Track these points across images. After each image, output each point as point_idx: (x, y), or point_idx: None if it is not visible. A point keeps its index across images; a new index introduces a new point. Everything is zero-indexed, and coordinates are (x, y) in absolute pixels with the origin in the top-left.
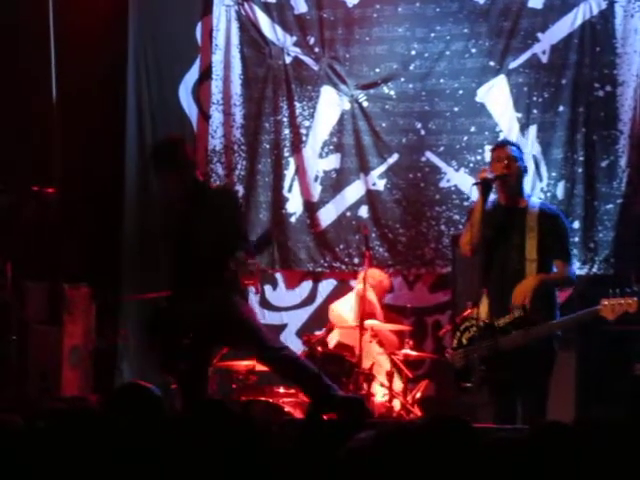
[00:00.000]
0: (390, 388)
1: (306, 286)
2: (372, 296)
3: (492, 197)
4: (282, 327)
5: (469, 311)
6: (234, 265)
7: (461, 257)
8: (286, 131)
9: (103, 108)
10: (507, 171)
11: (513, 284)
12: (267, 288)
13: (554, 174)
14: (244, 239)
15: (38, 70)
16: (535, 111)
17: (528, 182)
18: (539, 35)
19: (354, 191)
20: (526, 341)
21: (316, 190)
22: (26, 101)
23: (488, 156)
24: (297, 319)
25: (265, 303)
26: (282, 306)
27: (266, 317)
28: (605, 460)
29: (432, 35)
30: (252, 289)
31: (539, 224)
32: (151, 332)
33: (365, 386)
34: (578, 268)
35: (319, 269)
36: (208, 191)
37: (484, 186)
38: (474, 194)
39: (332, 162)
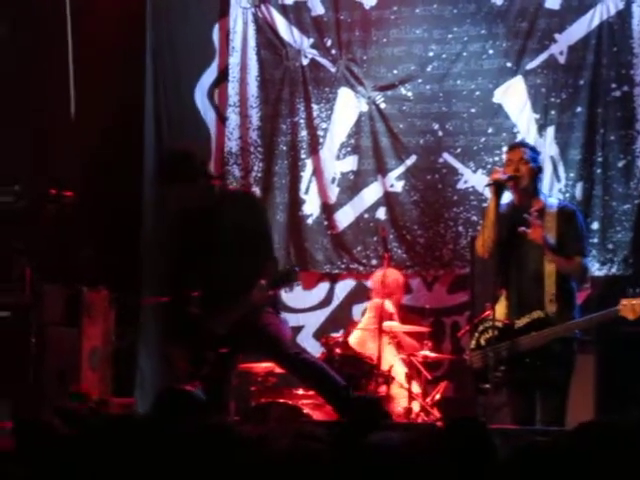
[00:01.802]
0: (409, 390)
1: (323, 288)
2: (389, 306)
3: (509, 198)
4: (299, 329)
5: (488, 312)
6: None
7: (479, 258)
8: (303, 133)
9: (121, 111)
10: (517, 173)
11: (531, 284)
12: (283, 290)
13: (572, 175)
14: (273, 257)
15: (57, 73)
16: (553, 112)
17: (545, 183)
18: (556, 36)
19: (372, 193)
20: (545, 342)
21: (333, 192)
22: (44, 104)
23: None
24: (314, 321)
25: (282, 305)
26: (299, 308)
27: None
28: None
29: (449, 36)
30: None
31: (557, 223)
32: (177, 337)
33: (384, 388)
34: (597, 269)
35: (336, 271)
36: (227, 196)
37: (497, 187)
38: (489, 195)
39: (349, 164)
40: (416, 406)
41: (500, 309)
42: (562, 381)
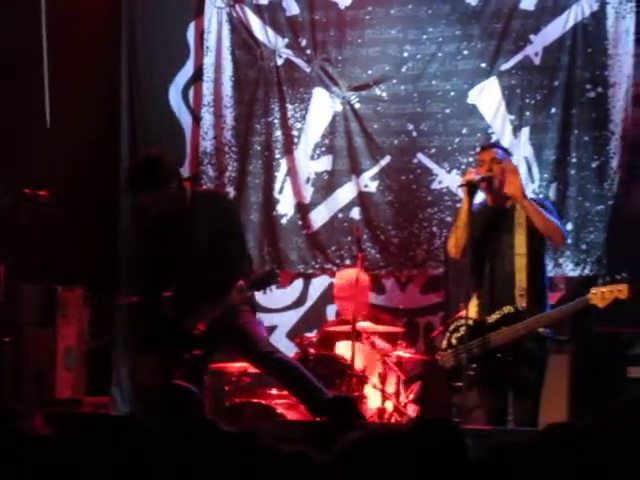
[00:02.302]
0: (383, 390)
1: (297, 287)
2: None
3: (481, 198)
4: (272, 329)
5: (462, 312)
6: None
7: (452, 259)
8: (277, 133)
9: (97, 108)
10: (489, 174)
11: (503, 281)
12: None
13: (546, 176)
14: (247, 257)
15: (31, 72)
16: (528, 113)
17: None
18: (531, 37)
19: (346, 193)
20: (516, 336)
21: (308, 192)
22: (19, 101)
23: None
24: (287, 321)
25: (256, 305)
26: (272, 307)
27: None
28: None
29: (424, 37)
30: None
31: (527, 219)
32: (151, 338)
33: (358, 388)
34: (571, 270)
35: (310, 270)
36: (199, 197)
37: (470, 188)
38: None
39: (324, 164)
40: (390, 406)
41: (472, 308)
42: (535, 382)
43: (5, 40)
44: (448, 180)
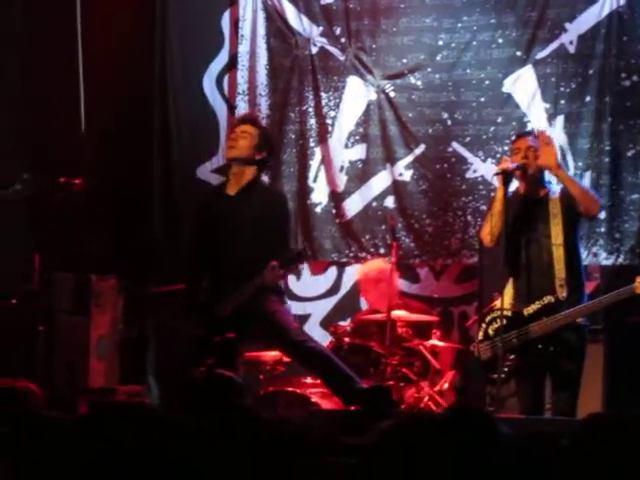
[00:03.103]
0: (417, 379)
1: (330, 276)
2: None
3: (513, 187)
4: (306, 317)
5: (496, 302)
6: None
7: (487, 248)
8: (312, 121)
9: (130, 98)
10: (526, 161)
11: (541, 271)
12: (291, 278)
13: (580, 164)
14: (288, 248)
15: (65, 60)
16: (562, 101)
17: None
18: (566, 25)
19: (380, 181)
20: (557, 327)
21: (342, 180)
22: (53, 91)
23: None
24: (321, 309)
25: (288, 294)
26: (306, 296)
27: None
28: None
29: (459, 25)
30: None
31: (562, 208)
32: (187, 327)
33: (392, 377)
34: (604, 258)
35: (344, 259)
36: (260, 190)
37: (505, 176)
38: (497, 185)
39: (358, 152)
40: (424, 395)
41: (507, 298)
42: (575, 373)
43: (41, 40)
44: (483, 169)
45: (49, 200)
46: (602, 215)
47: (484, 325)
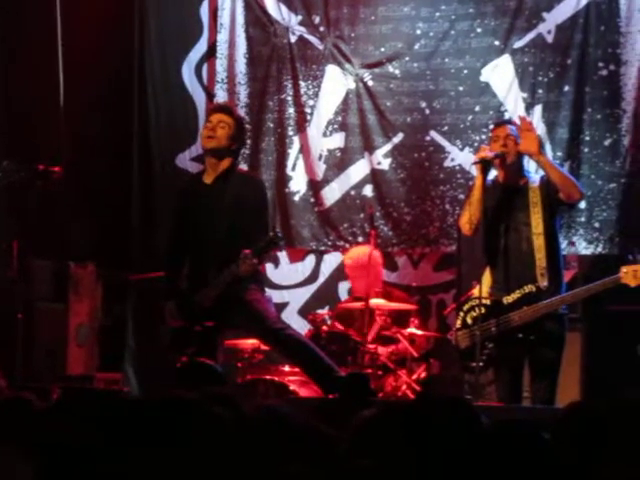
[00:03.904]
0: (395, 367)
1: (309, 264)
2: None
3: (492, 175)
4: (284, 305)
5: (474, 290)
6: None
7: (465, 236)
8: (290, 110)
9: (108, 87)
10: (505, 150)
11: (521, 260)
12: (269, 266)
13: (559, 154)
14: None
15: (44, 48)
16: (540, 91)
17: (530, 160)
18: (544, 14)
19: (358, 170)
20: (537, 316)
21: (320, 169)
22: (32, 79)
23: None
24: (299, 297)
25: (267, 282)
26: (284, 284)
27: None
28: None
29: (437, 14)
30: None
31: (541, 196)
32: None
33: (370, 365)
34: (583, 248)
35: (322, 247)
36: (237, 178)
37: (483, 165)
38: (476, 174)
39: (336, 141)
40: (402, 384)
41: (484, 287)
42: (555, 361)
43: (19, 22)
44: (461, 158)
45: (28, 187)
46: (582, 205)
47: (462, 313)
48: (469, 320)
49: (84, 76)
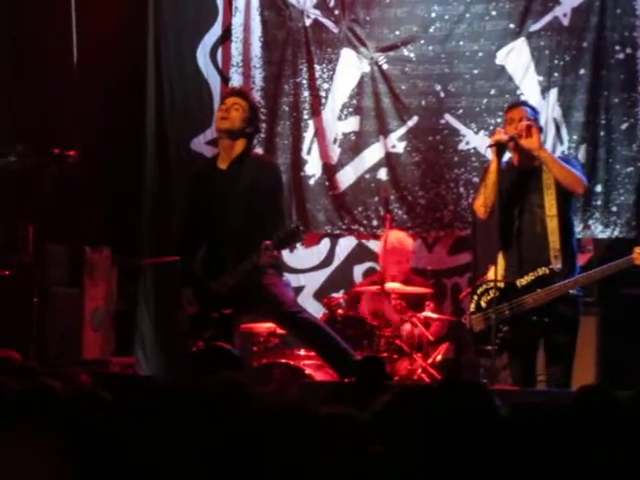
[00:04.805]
0: (410, 351)
1: (324, 248)
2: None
3: (506, 157)
4: (299, 289)
5: (489, 274)
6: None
7: (480, 220)
8: (305, 93)
9: (123, 71)
10: (517, 133)
11: (534, 242)
12: (284, 250)
13: (575, 137)
14: (283, 221)
15: (59, 34)
16: (556, 74)
17: (549, 145)
18: None
19: (373, 154)
20: (551, 298)
21: (335, 152)
22: (47, 64)
23: None
24: (314, 281)
25: (283, 265)
26: (299, 268)
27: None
28: None
29: None
30: None
31: (556, 179)
32: (183, 300)
33: (386, 349)
34: (600, 231)
35: (337, 231)
36: (252, 161)
37: (498, 148)
38: (490, 157)
39: (351, 124)
40: (418, 367)
41: (498, 269)
42: (569, 345)
43: (35, 13)
44: (475, 141)
45: (43, 171)
46: (598, 188)
47: (476, 297)
48: (483, 303)
49: (99, 60)
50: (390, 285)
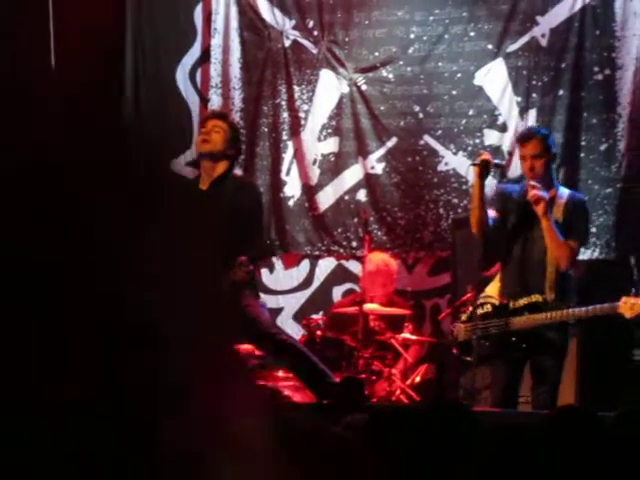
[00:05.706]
0: (389, 372)
1: (303, 269)
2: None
3: (522, 183)
4: (278, 310)
5: (469, 294)
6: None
7: (461, 240)
8: (285, 115)
9: (102, 91)
10: (531, 175)
11: (534, 269)
12: (264, 271)
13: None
14: (261, 242)
15: (36, 49)
16: (534, 95)
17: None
18: (538, 18)
19: (353, 175)
20: (535, 325)
21: (314, 173)
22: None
23: (486, 139)
24: (294, 302)
25: (261, 287)
26: (278, 289)
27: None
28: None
29: (431, 18)
30: None
31: (564, 214)
32: None
33: (364, 370)
34: (580, 253)
35: (317, 252)
36: (232, 183)
37: (481, 168)
38: (471, 176)
39: (331, 145)
40: (396, 389)
41: (493, 290)
42: (555, 370)
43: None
44: (454, 162)
45: None
46: None
47: (471, 307)
48: (475, 315)
49: (77, 81)
50: (369, 306)
